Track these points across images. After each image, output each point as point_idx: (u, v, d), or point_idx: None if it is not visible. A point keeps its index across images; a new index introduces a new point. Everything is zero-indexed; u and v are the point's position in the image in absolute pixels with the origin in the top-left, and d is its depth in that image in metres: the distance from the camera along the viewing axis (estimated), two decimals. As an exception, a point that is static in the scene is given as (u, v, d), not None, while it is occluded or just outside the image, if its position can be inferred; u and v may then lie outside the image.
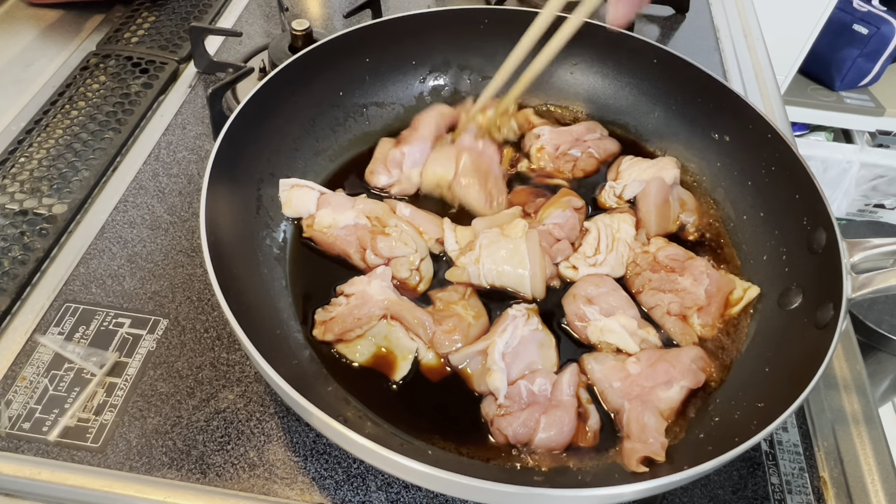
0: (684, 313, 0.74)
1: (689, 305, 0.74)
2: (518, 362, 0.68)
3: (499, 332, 0.68)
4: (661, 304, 0.75)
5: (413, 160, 0.85)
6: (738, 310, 0.75)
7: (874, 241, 0.68)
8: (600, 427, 0.65)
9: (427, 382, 0.68)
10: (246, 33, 1.17)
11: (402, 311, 0.70)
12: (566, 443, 0.63)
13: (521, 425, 0.63)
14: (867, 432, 0.72)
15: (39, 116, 0.97)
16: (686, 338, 0.73)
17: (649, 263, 0.78)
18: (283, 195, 0.80)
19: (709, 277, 0.75)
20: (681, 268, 0.77)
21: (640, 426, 0.63)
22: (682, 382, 0.67)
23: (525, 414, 0.63)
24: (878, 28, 2.23)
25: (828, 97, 2.40)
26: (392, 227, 0.77)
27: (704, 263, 0.77)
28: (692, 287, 0.75)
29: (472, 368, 0.68)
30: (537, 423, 0.63)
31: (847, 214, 2.60)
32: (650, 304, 0.75)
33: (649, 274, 0.77)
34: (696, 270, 0.76)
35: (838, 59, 2.33)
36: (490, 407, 0.65)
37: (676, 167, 0.87)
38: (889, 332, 1.54)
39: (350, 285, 0.73)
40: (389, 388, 0.67)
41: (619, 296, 0.75)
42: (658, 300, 0.75)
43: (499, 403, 0.65)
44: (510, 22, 0.96)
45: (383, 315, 0.70)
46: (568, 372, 0.67)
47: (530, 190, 0.87)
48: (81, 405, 0.67)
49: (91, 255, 0.81)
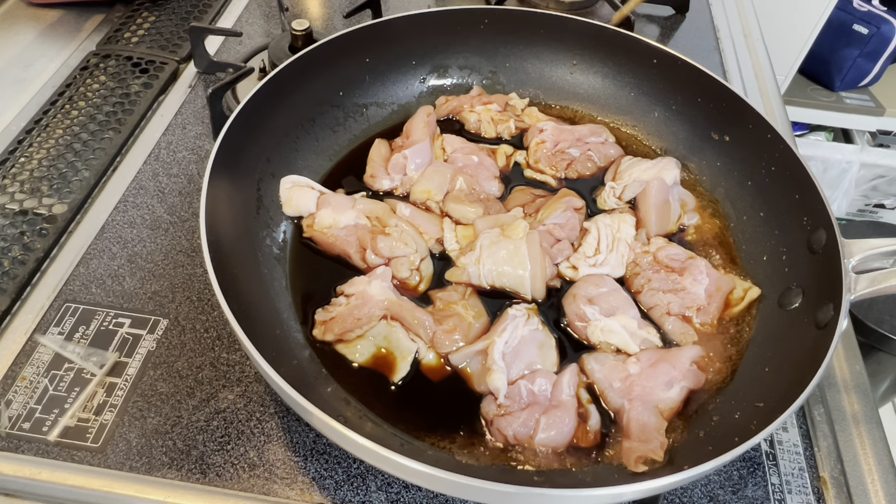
0: (684, 313, 0.74)
1: (688, 305, 0.74)
2: (518, 362, 0.68)
3: (498, 331, 0.68)
4: (661, 304, 0.75)
5: (416, 164, 0.86)
6: (738, 310, 0.75)
7: (874, 241, 0.68)
8: (600, 427, 0.65)
9: (427, 382, 0.68)
10: (246, 33, 1.17)
11: (402, 312, 0.70)
12: (566, 443, 0.63)
13: (521, 425, 0.63)
14: (867, 432, 0.72)
15: (39, 116, 0.97)
16: (686, 337, 0.73)
17: (649, 263, 0.77)
18: (284, 194, 0.80)
19: (709, 277, 0.75)
20: (681, 268, 0.77)
21: (640, 426, 0.63)
22: (682, 383, 0.67)
23: (525, 414, 0.63)
24: (878, 28, 2.23)
25: (828, 97, 2.40)
26: (392, 227, 0.77)
27: (705, 263, 0.77)
28: (692, 287, 0.75)
29: (472, 368, 0.68)
30: (537, 422, 0.63)
31: (847, 214, 2.59)
32: (650, 304, 0.75)
33: (649, 273, 0.77)
34: (696, 270, 0.76)
35: (838, 59, 2.33)
36: (490, 407, 0.65)
37: (677, 167, 0.86)
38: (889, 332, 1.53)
39: (350, 285, 0.73)
40: (389, 389, 0.67)
41: (620, 296, 0.75)
42: (658, 300, 0.75)
43: (498, 403, 0.65)
44: (510, 22, 0.97)
45: (383, 315, 0.70)
46: (568, 372, 0.67)
47: (530, 190, 0.87)
48: (81, 405, 0.67)
49: (91, 255, 0.81)
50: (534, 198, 0.85)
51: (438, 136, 0.91)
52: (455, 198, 0.83)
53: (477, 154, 0.89)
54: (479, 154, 0.89)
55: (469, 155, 0.88)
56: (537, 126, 0.93)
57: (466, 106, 0.95)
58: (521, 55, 0.99)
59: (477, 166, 0.88)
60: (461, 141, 0.91)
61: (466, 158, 0.88)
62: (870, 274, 0.65)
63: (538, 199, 0.85)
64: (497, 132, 0.94)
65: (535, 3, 1.26)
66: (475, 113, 0.94)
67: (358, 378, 0.68)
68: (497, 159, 0.90)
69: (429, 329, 0.69)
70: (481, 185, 0.86)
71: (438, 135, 0.91)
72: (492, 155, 0.91)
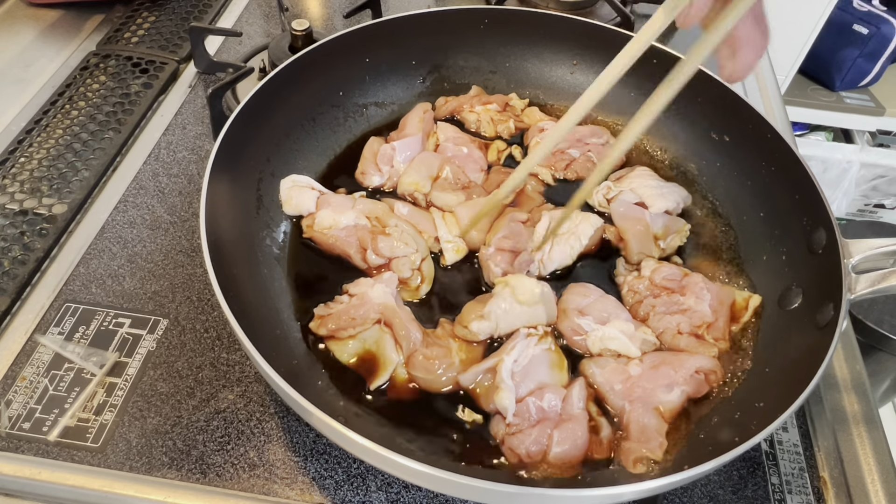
0: (695, 332, 0.72)
1: (697, 324, 0.72)
2: (528, 381, 0.66)
3: (508, 349, 0.67)
4: (671, 326, 0.72)
5: (404, 156, 0.85)
6: (745, 320, 0.73)
7: (874, 241, 0.68)
8: (613, 437, 0.64)
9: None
10: (246, 33, 1.17)
11: (394, 319, 0.69)
12: (582, 456, 0.62)
13: (534, 442, 0.61)
14: (867, 432, 0.72)
15: (39, 116, 0.97)
16: (707, 351, 0.71)
17: (647, 288, 0.75)
18: (284, 193, 0.80)
19: (709, 292, 0.74)
20: (680, 287, 0.75)
21: (640, 427, 0.63)
22: (682, 387, 0.66)
23: (536, 430, 0.62)
24: (878, 28, 2.22)
25: (828, 97, 2.39)
26: (392, 227, 0.77)
27: (701, 278, 0.75)
28: (696, 305, 0.73)
29: (481, 388, 0.67)
30: (550, 437, 0.61)
31: (847, 214, 2.59)
32: (659, 329, 0.73)
33: (651, 300, 0.74)
34: (696, 287, 0.74)
35: (838, 59, 2.33)
36: (499, 427, 0.63)
37: (677, 199, 0.84)
38: (889, 332, 1.53)
39: (355, 286, 0.73)
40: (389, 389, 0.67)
41: (609, 301, 0.73)
42: (666, 323, 0.72)
43: (507, 422, 0.63)
44: (510, 22, 0.97)
45: (378, 320, 0.69)
46: (577, 385, 0.65)
47: (508, 171, 0.87)
48: (81, 405, 0.67)
49: (91, 255, 0.81)
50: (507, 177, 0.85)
51: (434, 133, 0.91)
52: (439, 186, 0.84)
53: (467, 146, 0.89)
54: (469, 146, 0.89)
55: (459, 146, 0.89)
56: (538, 125, 0.93)
57: (466, 106, 0.95)
58: (521, 55, 0.99)
59: (465, 157, 0.88)
60: (455, 130, 0.91)
61: (456, 149, 0.88)
62: (870, 274, 0.65)
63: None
64: (496, 132, 0.94)
65: (535, 3, 1.26)
66: (475, 113, 0.94)
67: (358, 378, 0.67)
68: (489, 154, 0.91)
69: (413, 345, 0.68)
70: (467, 175, 0.87)
71: (434, 132, 0.91)
72: (483, 148, 0.91)
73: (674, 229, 0.82)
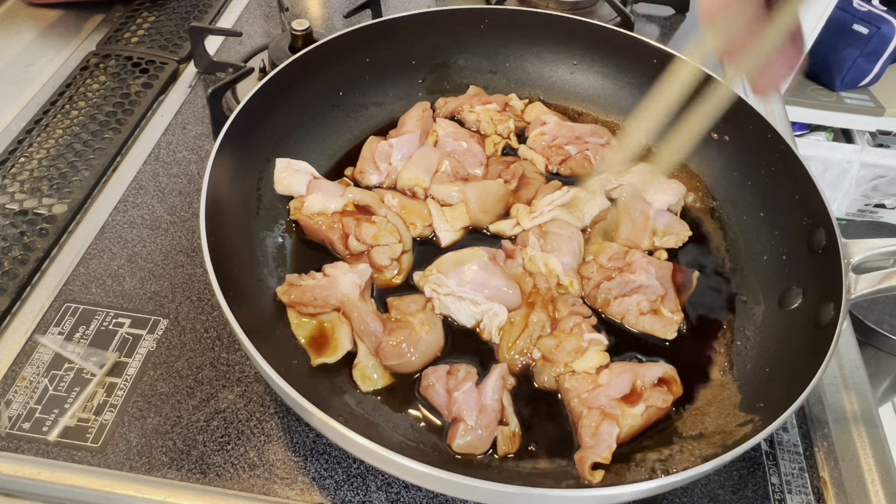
0: (654, 308, 0.73)
1: (653, 298, 0.74)
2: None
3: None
4: (632, 307, 0.73)
5: (402, 153, 0.86)
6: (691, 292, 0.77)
7: (874, 241, 0.68)
8: (521, 431, 0.64)
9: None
10: (246, 33, 1.17)
11: (353, 313, 0.69)
12: (487, 446, 0.63)
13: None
14: (867, 432, 0.72)
15: (39, 116, 0.97)
16: (668, 328, 0.72)
17: (598, 272, 0.76)
18: (277, 174, 0.80)
19: (652, 265, 0.76)
20: (627, 265, 0.76)
21: (590, 432, 0.62)
22: (648, 401, 0.65)
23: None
24: (878, 28, 2.23)
25: (828, 97, 2.39)
26: (380, 217, 0.78)
27: (640, 253, 0.77)
28: (647, 280, 0.74)
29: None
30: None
31: (847, 214, 2.59)
32: (621, 313, 0.73)
33: (607, 284, 0.75)
34: (641, 262, 0.76)
35: (838, 59, 2.33)
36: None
37: (677, 195, 0.85)
38: (889, 332, 1.53)
39: (332, 268, 0.73)
40: (389, 389, 0.67)
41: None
42: (627, 305, 0.73)
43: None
44: (510, 22, 0.97)
45: (337, 308, 0.70)
46: (494, 375, 0.66)
47: (504, 159, 0.89)
48: (81, 405, 0.67)
49: (91, 255, 0.81)
50: (507, 164, 0.87)
51: (434, 131, 0.91)
52: (438, 180, 0.84)
53: (466, 140, 0.89)
54: (468, 140, 0.89)
55: (458, 141, 0.89)
56: (540, 118, 0.93)
57: (466, 106, 0.95)
58: (521, 55, 0.99)
59: (465, 152, 0.88)
60: (454, 125, 0.91)
61: (456, 144, 0.88)
62: (870, 274, 0.65)
63: (512, 166, 0.86)
64: (496, 131, 0.94)
65: (535, 3, 1.26)
66: (474, 113, 0.94)
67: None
68: (486, 147, 0.91)
69: (376, 338, 0.68)
70: (466, 169, 0.87)
71: (433, 130, 0.91)
72: (481, 142, 0.91)
73: (674, 231, 0.82)
